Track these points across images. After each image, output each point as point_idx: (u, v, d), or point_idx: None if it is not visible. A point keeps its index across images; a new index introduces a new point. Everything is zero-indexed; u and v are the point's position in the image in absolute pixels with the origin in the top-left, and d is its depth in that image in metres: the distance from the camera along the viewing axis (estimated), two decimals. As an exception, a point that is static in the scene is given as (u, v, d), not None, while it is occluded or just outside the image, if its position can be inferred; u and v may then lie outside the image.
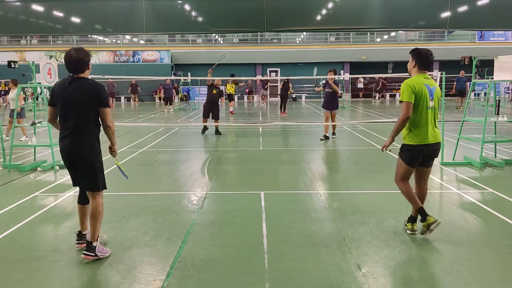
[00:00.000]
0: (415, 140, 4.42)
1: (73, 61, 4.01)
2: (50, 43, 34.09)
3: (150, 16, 10.16)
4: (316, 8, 10.51)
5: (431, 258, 4.08)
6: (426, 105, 4.40)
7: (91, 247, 4.04)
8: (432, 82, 4.50)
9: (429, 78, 4.50)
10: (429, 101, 4.42)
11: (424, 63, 4.52)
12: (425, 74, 4.50)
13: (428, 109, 4.43)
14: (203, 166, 8.67)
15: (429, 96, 4.41)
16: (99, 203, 4.16)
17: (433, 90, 4.46)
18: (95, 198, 4.16)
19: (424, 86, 4.41)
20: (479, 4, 10.32)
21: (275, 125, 15.77)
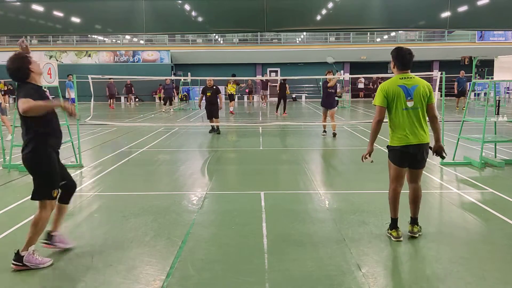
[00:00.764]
0: (395, 142, 4.38)
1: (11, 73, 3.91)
2: (50, 43, 34.10)
3: (150, 16, 10.17)
4: (316, 8, 10.51)
5: (431, 258, 4.08)
6: (401, 106, 4.29)
7: (19, 257, 3.88)
8: (412, 81, 4.33)
9: (408, 77, 4.36)
10: (406, 101, 4.28)
11: (400, 62, 4.38)
12: (405, 74, 4.38)
13: (405, 110, 4.29)
14: (203, 166, 8.67)
15: (405, 96, 4.28)
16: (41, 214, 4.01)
17: (412, 90, 4.29)
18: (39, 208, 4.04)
19: (398, 88, 4.29)
20: (479, 4, 10.32)
21: (275, 125, 15.77)
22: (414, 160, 4.42)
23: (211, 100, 13.25)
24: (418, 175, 4.56)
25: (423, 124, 4.36)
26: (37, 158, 3.93)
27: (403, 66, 4.39)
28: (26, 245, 3.92)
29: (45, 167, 3.98)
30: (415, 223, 4.60)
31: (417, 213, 4.61)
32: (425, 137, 4.38)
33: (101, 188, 6.97)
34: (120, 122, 16.62)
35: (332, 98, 12.60)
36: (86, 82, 11.05)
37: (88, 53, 33.72)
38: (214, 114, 13.30)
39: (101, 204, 5.99)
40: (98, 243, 4.51)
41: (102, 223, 5.21)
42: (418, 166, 4.51)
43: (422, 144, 4.36)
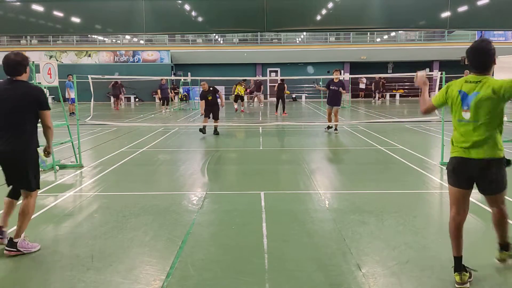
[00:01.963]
0: (453, 151, 3.55)
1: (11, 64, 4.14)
2: (50, 43, 34.08)
3: (150, 16, 10.17)
4: (316, 8, 10.52)
5: (431, 258, 4.07)
6: (456, 116, 3.48)
7: (13, 243, 4.16)
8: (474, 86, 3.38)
9: (474, 81, 3.40)
10: (461, 111, 3.42)
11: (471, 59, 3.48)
12: (473, 76, 3.43)
13: (460, 122, 3.44)
14: (203, 166, 8.67)
15: (462, 105, 3.41)
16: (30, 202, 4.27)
17: (470, 98, 3.36)
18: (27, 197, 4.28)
19: (456, 93, 3.45)
20: (479, 4, 10.33)
21: (275, 125, 15.77)
22: (479, 182, 3.48)
23: (212, 102, 13.05)
24: (494, 200, 3.59)
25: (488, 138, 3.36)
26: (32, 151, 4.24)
27: (473, 64, 3.48)
28: (18, 232, 4.21)
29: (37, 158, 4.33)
30: (505, 248, 3.80)
31: (505, 237, 3.75)
32: (493, 151, 3.37)
33: (101, 188, 6.97)
34: (120, 122, 16.63)
35: (335, 96, 13.10)
36: (86, 82, 11.05)
37: (88, 53, 33.71)
38: (215, 115, 13.13)
39: (101, 204, 5.99)
40: (98, 243, 4.51)
41: (102, 223, 5.21)
42: (487, 191, 3.52)
43: (488, 160, 3.37)
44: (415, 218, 5.18)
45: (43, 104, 4.15)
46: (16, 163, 4.14)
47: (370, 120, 17.41)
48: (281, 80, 20.28)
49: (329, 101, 13.23)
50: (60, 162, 8.48)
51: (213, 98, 13.04)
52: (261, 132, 13.77)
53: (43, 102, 4.15)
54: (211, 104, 13.05)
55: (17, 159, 4.12)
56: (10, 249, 4.14)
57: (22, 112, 4.07)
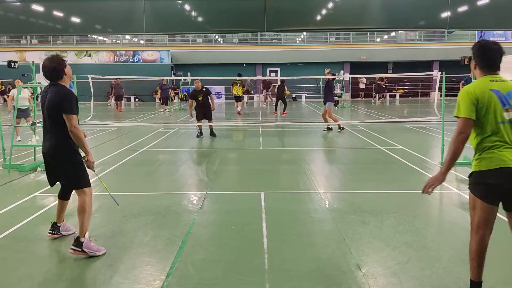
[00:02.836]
0: (485, 164, 3.09)
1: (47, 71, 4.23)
2: (50, 43, 34.10)
3: (150, 16, 10.16)
4: (316, 8, 10.51)
5: (431, 258, 4.08)
6: (496, 118, 3.07)
7: (79, 242, 4.15)
8: (505, 84, 3.15)
9: (499, 80, 3.16)
10: (503, 112, 3.07)
11: (485, 59, 3.18)
12: (493, 75, 3.17)
13: (502, 124, 3.07)
14: (203, 166, 8.67)
15: (501, 105, 3.08)
16: (85, 200, 4.27)
17: (509, 96, 3.11)
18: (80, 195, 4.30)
19: (491, 93, 3.08)
20: (479, 4, 10.32)
21: (275, 125, 15.77)
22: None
23: (203, 104, 12.52)
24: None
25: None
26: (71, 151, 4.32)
27: (490, 65, 3.18)
28: (81, 231, 4.20)
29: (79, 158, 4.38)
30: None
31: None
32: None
33: (101, 188, 6.95)
34: (120, 122, 16.62)
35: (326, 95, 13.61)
36: (86, 82, 11.05)
37: (88, 53, 33.72)
38: (208, 117, 12.63)
39: (101, 204, 5.98)
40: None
41: (102, 223, 5.21)
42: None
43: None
44: (415, 218, 5.18)
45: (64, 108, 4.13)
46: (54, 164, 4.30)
47: (370, 120, 17.41)
48: (281, 82, 20.30)
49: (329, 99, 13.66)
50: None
51: (204, 99, 12.52)
52: (261, 132, 13.77)
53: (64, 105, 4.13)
54: (202, 105, 12.54)
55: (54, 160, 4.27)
56: (75, 248, 4.14)
57: (52, 115, 4.18)
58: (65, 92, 4.25)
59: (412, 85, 34.97)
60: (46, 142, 4.29)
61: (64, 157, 4.24)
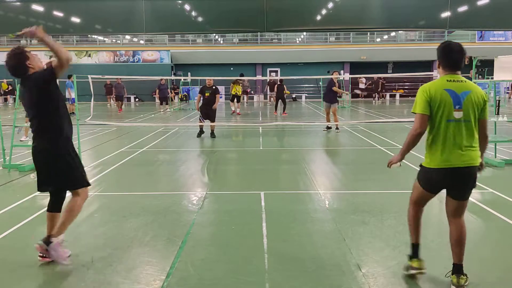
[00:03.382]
0: (432, 163, 3.43)
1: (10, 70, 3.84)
2: (50, 43, 34.05)
3: (150, 16, 10.17)
4: (316, 8, 10.52)
5: (431, 258, 4.07)
6: (446, 116, 3.34)
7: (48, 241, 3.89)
8: (462, 85, 3.36)
9: (458, 80, 3.38)
10: (453, 111, 3.32)
11: (447, 60, 3.42)
12: (453, 75, 3.40)
13: (451, 122, 3.34)
14: (203, 166, 8.67)
15: (453, 104, 3.32)
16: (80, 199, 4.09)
17: (462, 97, 3.33)
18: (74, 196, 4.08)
19: (445, 92, 3.33)
20: (479, 4, 10.33)
21: (275, 125, 15.77)
22: (457, 187, 3.46)
23: (209, 101, 12.42)
24: (461, 208, 3.54)
25: (473, 142, 3.39)
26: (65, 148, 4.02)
27: (451, 66, 3.43)
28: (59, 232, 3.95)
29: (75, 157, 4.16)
30: (461, 272, 3.50)
31: (462, 258, 3.54)
32: (474, 159, 3.40)
33: (101, 188, 6.96)
34: (120, 122, 16.62)
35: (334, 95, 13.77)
36: (86, 82, 11.06)
37: (88, 53, 33.72)
38: (211, 117, 12.51)
39: (101, 204, 5.99)
40: (98, 243, 4.51)
41: (102, 223, 5.21)
42: (460, 197, 3.49)
43: (469, 168, 3.39)
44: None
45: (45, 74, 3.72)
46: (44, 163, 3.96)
47: (370, 120, 17.41)
48: (280, 81, 20.27)
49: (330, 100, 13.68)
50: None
51: (210, 96, 12.43)
52: (261, 132, 13.76)
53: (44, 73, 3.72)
54: (207, 103, 12.45)
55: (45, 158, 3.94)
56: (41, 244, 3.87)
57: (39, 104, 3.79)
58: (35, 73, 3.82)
59: (412, 85, 34.95)
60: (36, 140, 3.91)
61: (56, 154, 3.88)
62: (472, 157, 3.38)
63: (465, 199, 3.51)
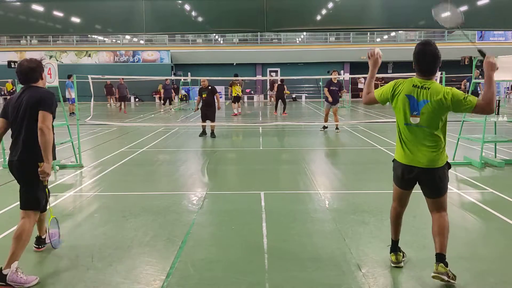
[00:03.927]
0: (397, 155, 3.62)
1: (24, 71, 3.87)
2: (50, 43, 34.11)
3: (150, 16, 10.18)
4: (316, 8, 10.53)
5: (431, 258, 4.07)
6: (402, 119, 3.45)
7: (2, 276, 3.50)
8: (425, 93, 3.34)
9: (424, 87, 3.36)
10: (409, 116, 3.39)
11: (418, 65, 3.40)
12: (422, 81, 3.38)
13: (407, 126, 3.44)
14: (203, 166, 8.67)
15: (409, 110, 3.38)
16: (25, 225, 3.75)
17: (421, 104, 3.34)
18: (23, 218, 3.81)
19: (405, 97, 3.39)
20: (479, 4, 10.34)
21: (275, 125, 15.77)
22: (422, 187, 3.61)
23: (207, 102, 12.45)
24: (436, 204, 3.64)
25: (432, 145, 3.42)
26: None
27: (422, 71, 3.40)
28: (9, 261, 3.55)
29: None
30: (442, 260, 3.50)
31: (444, 248, 3.55)
32: (434, 161, 3.44)
33: (101, 188, 6.97)
34: (120, 122, 16.62)
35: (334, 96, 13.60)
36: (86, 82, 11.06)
37: (88, 53, 33.72)
38: (210, 117, 12.48)
39: (101, 204, 5.99)
40: (98, 243, 4.51)
41: (102, 223, 5.20)
42: (428, 194, 3.64)
43: (429, 170, 3.47)
44: (415, 218, 5.18)
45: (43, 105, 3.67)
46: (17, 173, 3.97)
47: (370, 120, 17.41)
48: (281, 81, 20.25)
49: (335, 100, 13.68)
50: (60, 162, 8.48)
51: (208, 97, 12.43)
52: (261, 132, 13.77)
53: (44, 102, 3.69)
54: (205, 104, 12.47)
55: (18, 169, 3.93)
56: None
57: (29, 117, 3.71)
58: (45, 91, 3.85)
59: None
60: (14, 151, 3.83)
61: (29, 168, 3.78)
62: (431, 159, 3.42)
63: (433, 197, 3.61)
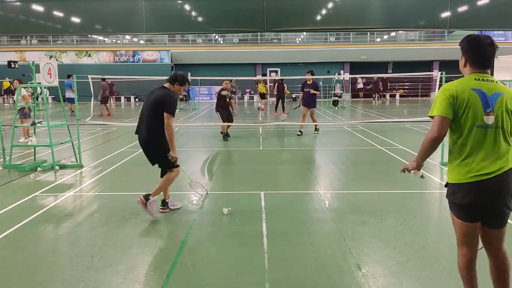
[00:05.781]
0: (461, 175, 2.77)
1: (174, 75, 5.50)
2: (50, 43, 34.10)
3: (150, 16, 10.17)
4: (316, 8, 10.52)
5: (431, 258, 4.08)
6: (474, 121, 2.73)
7: (148, 198, 5.17)
8: (493, 85, 2.78)
9: (487, 80, 2.79)
10: (482, 115, 2.71)
11: (476, 55, 2.82)
12: (482, 74, 2.81)
13: (481, 129, 2.72)
14: (203, 166, 8.66)
15: (483, 107, 2.72)
16: (171, 175, 5.39)
17: (494, 98, 2.73)
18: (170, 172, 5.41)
19: (473, 92, 2.73)
20: (479, 4, 10.33)
21: (275, 125, 15.77)
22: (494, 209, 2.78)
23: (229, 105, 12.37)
24: (498, 237, 2.85)
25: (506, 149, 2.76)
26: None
27: (481, 62, 2.82)
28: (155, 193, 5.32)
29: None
30: None
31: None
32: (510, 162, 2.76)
33: (101, 188, 6.97)
34: (120, 122, 16.62)
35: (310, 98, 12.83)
36: (86, 82, 11.06)
37: (88, 53, 33.72)
38: (230, 119, 12.35)
39: (101, 204, 5.99)
40: (98, 243, 4.51)
41: (102, 223, 5.20)
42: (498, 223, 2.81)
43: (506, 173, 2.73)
44: (415, 218, 5.18)
45: (165, 106, 5.07)
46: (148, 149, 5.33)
47: (370, 120, 17.41)
48: (281, 80, 20.20)
49: (304, 102, 12.96)
50: (60, 162, 8.48)
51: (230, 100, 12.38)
52: (261, 132, 13.77)
53: (166, 104, 5.07)
54: (227, 106, 12.35)
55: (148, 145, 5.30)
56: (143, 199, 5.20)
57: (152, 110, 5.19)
58: (169, 93, 5.21)
59: (412, 85, 34.97)
60: (143, 131, 5.30)
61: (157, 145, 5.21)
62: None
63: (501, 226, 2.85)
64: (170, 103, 5.13)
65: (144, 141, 5.34)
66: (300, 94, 13.28)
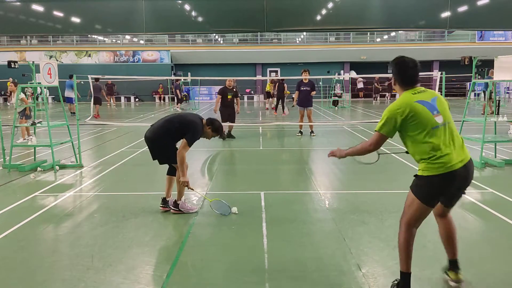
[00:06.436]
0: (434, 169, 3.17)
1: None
2: (50, 43, 34.09)
3: (150, 16, 10.17)
4: (316, 8, 10.51)
5: (431, 258, 4.07)
6: (429, 125, 3.16)
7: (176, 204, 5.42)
8: (427, 93, 3.29)
9: (421, 91, 3.29)
10: (433, 117, 3.17)
11: (403, 77, 3.33)
12: (414, 89, 3.30)
13: (436, 129, 3.16)
14: (203, 166, 8.67)
15: (430, 112, 3.18)
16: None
17: (434, 102, 3.23)
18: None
19: (417, 104, 3.17)
20: (479, 4, 10.33)
21: (275, 125, 15.77)
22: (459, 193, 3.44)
23: (231, 104, 12.20)
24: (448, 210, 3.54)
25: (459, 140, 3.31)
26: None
27: (408, 82, 3.32)
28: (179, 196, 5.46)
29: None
30: (458, 266, 3.49)
31: (457, 252, 3.51)
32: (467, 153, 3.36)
33: (101, 188, 6.97)
34: (120, 122, 16.62)
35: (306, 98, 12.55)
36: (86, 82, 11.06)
37: (88, 53, 33.72)
38: (232, 119, 12.18)
39: (101, 204, 5.99)
40: (98, 243, 4.51)
41: (102, 223, 5.20)
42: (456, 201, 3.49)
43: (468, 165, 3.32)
44: (415, 218, 5.18)
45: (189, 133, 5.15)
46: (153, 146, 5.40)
47: (370, 120, 17.41)
48: (281, 80, 20.17)
49: (300, 102, 12.71)
50: (60, 162, 8.48)
51: (232, 99, 12.23)
52: (261, 132, 13.77)
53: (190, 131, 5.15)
54: (228, 105, 12.19)
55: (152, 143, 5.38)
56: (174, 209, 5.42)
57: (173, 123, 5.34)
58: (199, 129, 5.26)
59: (412, 85, 34.92)
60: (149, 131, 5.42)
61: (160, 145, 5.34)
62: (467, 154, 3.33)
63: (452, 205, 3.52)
64: (194, 133, 5.18)
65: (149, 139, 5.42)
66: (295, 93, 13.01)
